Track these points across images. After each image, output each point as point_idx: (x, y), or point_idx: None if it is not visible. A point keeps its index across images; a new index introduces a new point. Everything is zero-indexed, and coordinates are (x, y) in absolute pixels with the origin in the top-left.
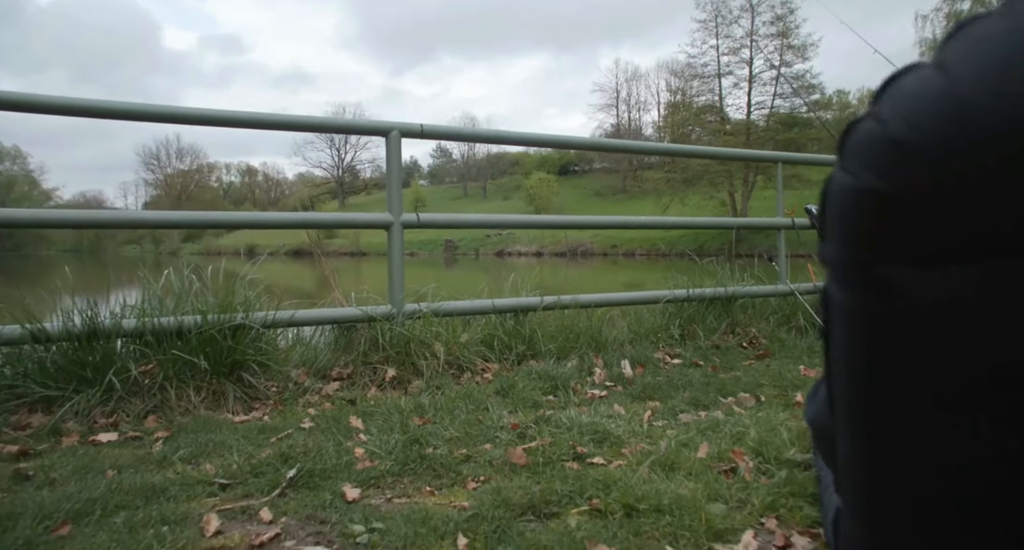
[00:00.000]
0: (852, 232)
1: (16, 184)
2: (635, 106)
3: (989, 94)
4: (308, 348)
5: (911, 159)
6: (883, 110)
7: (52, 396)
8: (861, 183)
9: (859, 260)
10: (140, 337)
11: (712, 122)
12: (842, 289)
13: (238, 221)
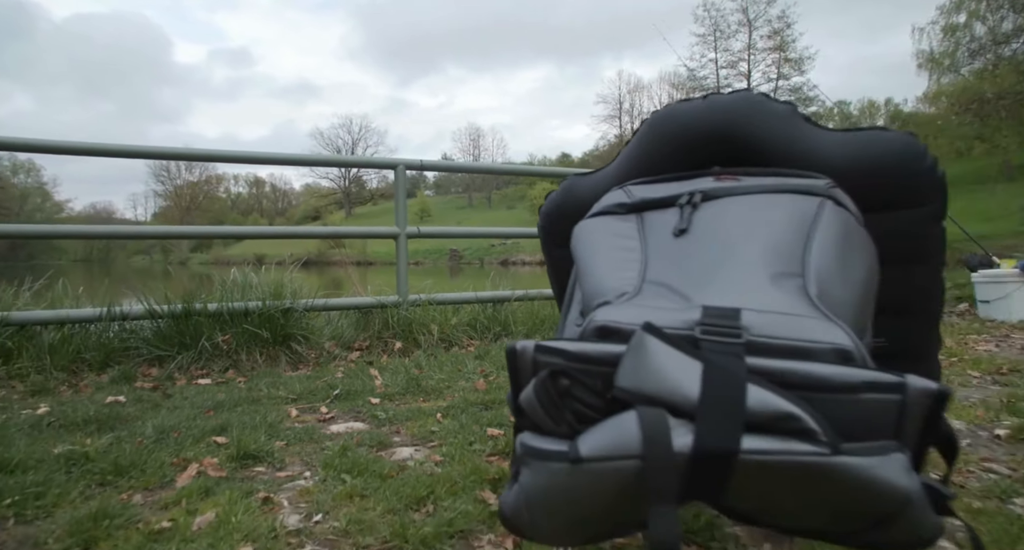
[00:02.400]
0: (546, 231)
1: (30, 196)
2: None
3: (563, 193)
4: (337, 326)
5: (566, 206)
6: (558, 190)
7: (163, 355)
8: (550, 209)
9: (553, 242)
10: (220, 316)
11: None
12: (551, 252)
13: (261, 233)
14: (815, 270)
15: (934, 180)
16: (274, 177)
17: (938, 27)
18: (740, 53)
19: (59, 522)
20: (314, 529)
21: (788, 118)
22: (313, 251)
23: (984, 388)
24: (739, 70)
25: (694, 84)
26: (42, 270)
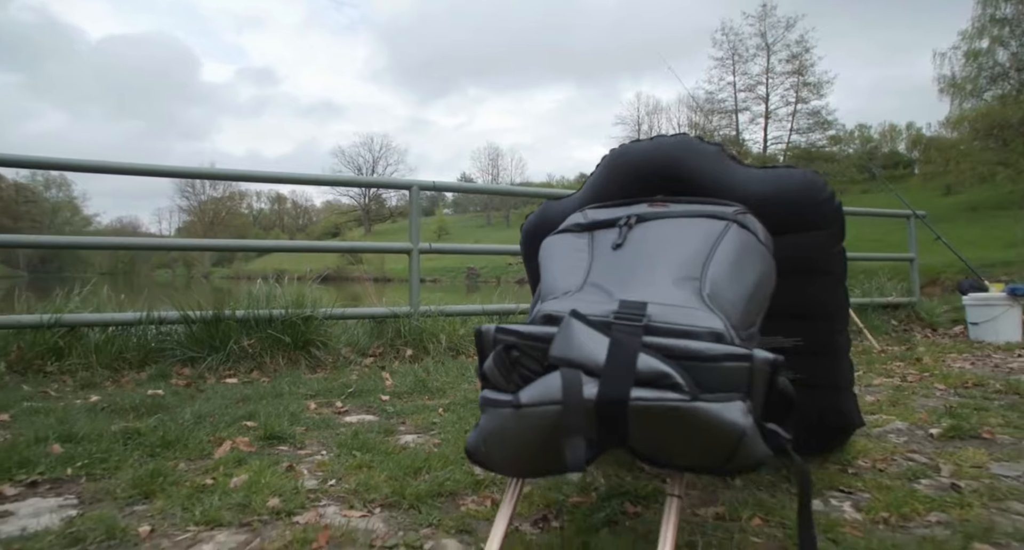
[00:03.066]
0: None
1: (60, 210)
2: None
3: (539, 215)
4: (352, 334)
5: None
6: (535, 213)
7: (195, 356)
8: (528, 227)
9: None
10: (247, 322)
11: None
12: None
13: (281, 247)
14: (711, 276)
15: (832, 209)
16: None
17: (960, 52)
18: (758, 77)
19: (122, 479)
20: (329, 489)
21: (716, 157)
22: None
23: (944, 399)
24: (757, 93)
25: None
26: (70, 282)
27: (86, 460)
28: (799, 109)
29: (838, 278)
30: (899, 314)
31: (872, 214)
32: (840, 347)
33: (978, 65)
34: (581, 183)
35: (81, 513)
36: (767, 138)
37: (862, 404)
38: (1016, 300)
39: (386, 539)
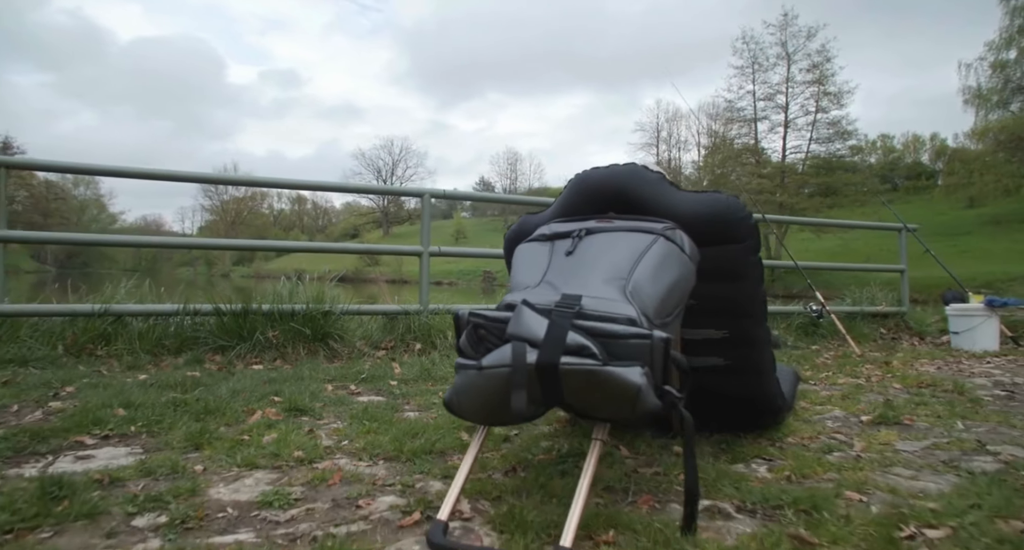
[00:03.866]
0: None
1: (87, 208)
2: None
3: (518, 226)
4: (367, 329)
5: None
6: (516, 224)
7: (225, 345)
8: (509, 235)
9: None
10: (271, 315)
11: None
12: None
13: (298, 247)
14: (635, 277)
15: (748, 226)
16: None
17: (986, 63)
18: (778, 86)
19: (176, 435)
20: (342, 446)
21: (657, 183)
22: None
23: (895, 396)
24: (776, 102)
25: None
26: (95, 278)
27: (144, 421)
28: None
29: (755, 282)
30: (888, 323)
31: (864, 227)
32: (760, 338)
33: (1005, 76)
34: None
35: (148, 457)
36: (786, 147)
37: (818, 398)
38: (994, 311)
39: (386, 480)
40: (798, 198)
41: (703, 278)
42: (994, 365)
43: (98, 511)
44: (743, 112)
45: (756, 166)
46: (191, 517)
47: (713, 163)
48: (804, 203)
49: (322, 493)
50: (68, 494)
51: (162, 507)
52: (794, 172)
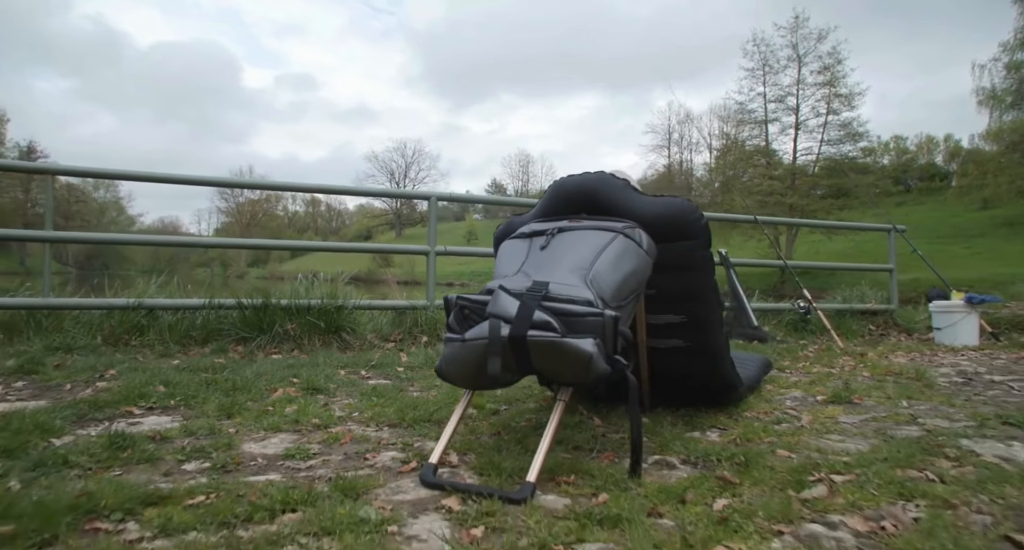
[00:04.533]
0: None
1: (107, 210)
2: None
3: (506, 225)
4: (377, 323)
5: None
6: (505, 223)
7: (247, 337)
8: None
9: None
10: (289, 309)
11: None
12: None
13: (309, 247)
14: (595, 268)
15: (701, 226)
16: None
17: (1000, 64)
18: (789, 88)
19: (210, 407)
20: (352, 416)
21: (622, 189)
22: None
23: (862, 382)
24: (787, 104)
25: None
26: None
27: (182, 396)
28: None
29: (706, 274)
30: (878, 320)
31: (853, 228)
32: (714, 322)
33: (1019, 77)
34: None
35: (188, 422)
36: (796, 149)
37: (786, 383)
38: (973, 308)
39: (389, 440)
40: (808, 200)
41: (663, 270)
42: (967, 358)
43: (154, 458)
44: (754, 114)
45: (767, 168)
46: (230, 463)
47: (724, 164)
48: (815, 205)
49: (335, 449)
50: (130, 445)
51: (205, 456)
52: (805, 174)
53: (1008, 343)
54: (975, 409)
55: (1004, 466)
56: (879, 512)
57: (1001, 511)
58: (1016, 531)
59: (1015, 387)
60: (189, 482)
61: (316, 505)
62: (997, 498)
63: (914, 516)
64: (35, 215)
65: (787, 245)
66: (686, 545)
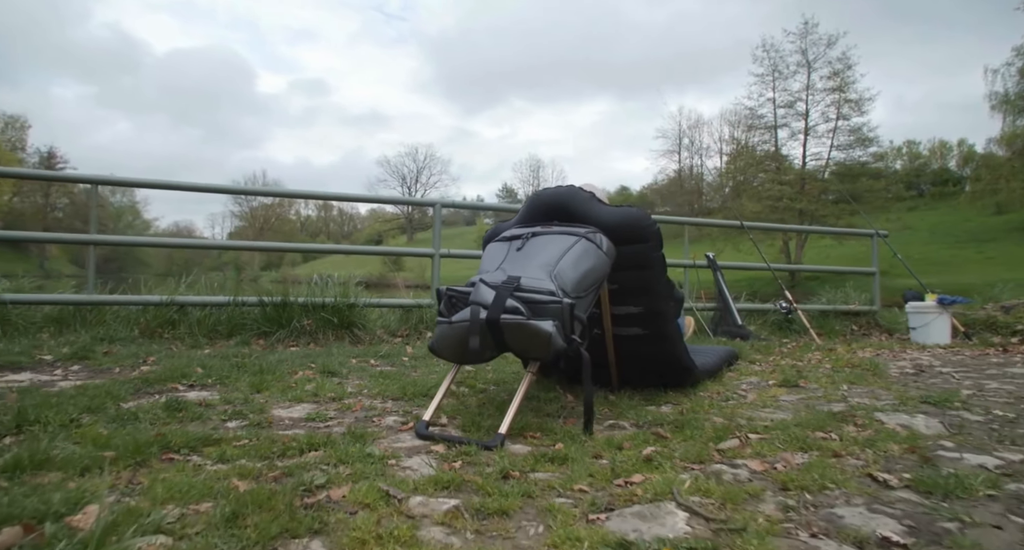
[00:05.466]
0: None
1: (123, 214)
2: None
3: (493, 229)
4: (386, 320)
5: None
6: (492, 228)
7: (267, 331)
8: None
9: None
10: (306, 306)
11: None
12: None
13: (318, 249)
14: (559, 266)
15: (652, 231)
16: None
17: (1014, 68)
18: (798, 93)
19: (242, 384)
20: (362, 392)
21: (588, 200)
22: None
23: (818, 372)
24: (796, 110)
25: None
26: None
27: (217, 376)
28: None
29: (659, 271)
30: (860, 320)
31: (837, 233)
32: (666, 313)
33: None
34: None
35: (226, 395)
36: (806, 154)
37: (748, 371)
38: (945, 308)
39: (392, 409)
40: (818, 205)
41: (622, 268)
42: (931, 354)
43: (203, 417)
44: (764, 119)
45: (777, 173)
46: (263, 423)
47: (735, 169)
48: (824, 210)
49: (348, 415)
50: (183, 408)
51: (243, 417)
52: (815, 179)
53: (978, 342)
54: (905, 392)
55: (899, 430)
56: (776, 458)
57: (875, 458)
58: (880, 471)
59: (956, 377)
60: (234, 432)
61: (334, 446)
62: (880, 451)
63: (803, 461)
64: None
65: (796, 250)
66: (613, 474)
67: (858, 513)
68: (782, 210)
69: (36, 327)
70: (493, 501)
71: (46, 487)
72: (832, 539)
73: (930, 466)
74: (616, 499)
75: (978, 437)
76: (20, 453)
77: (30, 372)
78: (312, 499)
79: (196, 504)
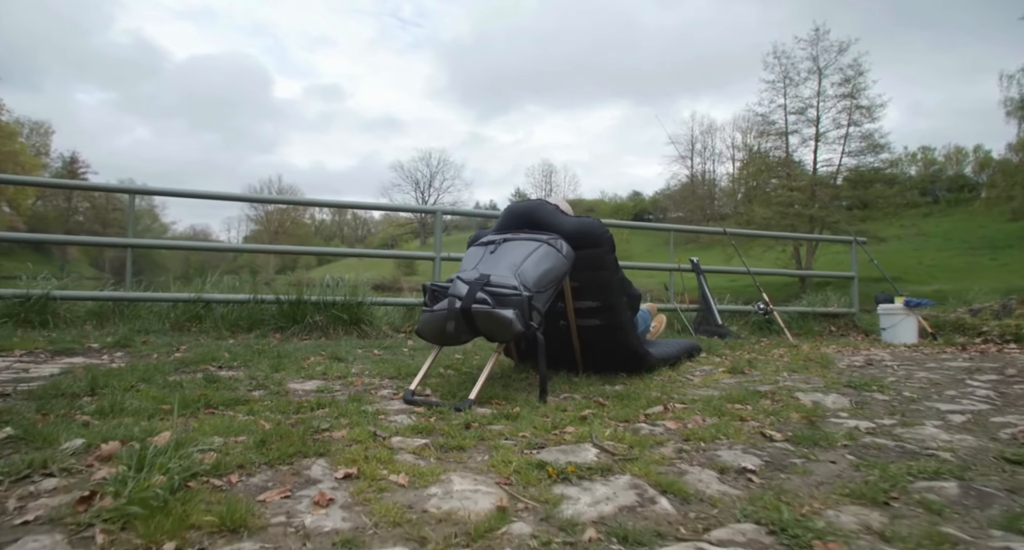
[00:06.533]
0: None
1: (142, 218)
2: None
3: (476, 235)
4: (391, 317)
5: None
6: (475, 234)
7: (283, 326)
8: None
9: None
10: (318, 304)
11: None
12: None
13: (325, 252)
14: (523, 266)
15: (605, 237)
16: None
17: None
18: (809, 100)
19: (263, 366)
20: (364, 372)
21: (552, 212)
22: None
23: (769, 363)
24: (807, 116)
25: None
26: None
27: (241, 360)
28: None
29: (612, 270)
30: (839, 322)
31: (816, 240)
32: (619, 306)
33: None
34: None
35: (250, 373)
36: (816, 160)
37: (706, 362)
38: (911, 310)
39: (387, 384)
40: (828, 211)
41: (582, 269)
42: (890, 351)
43: (233, 387)
44: (775, 125)
45: (787, 179)
46: (281, 392)
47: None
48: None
49: (350, 388)
50: (216, 381)
51: (265, 388)
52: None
53: (943, 342)
54: (837, 379)
55: (807, 404)
56: (688, 420)
57: (772, 422)
58: (770, 429)
59: (895, 369)
60: (259, 397)
61: (337, 406)
62: (780, 418)
63: (711, 423)
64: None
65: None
66: (552, 427)
67: (734, 454)
68: (792, 216)
69: (80, 320)
70: (454, 441)
71: (127, 423)
72: (702, 467)
73: (814, 428)
74: (548, 441)
75: (874, 410)
76: (103, 403)
77: (82, 357)
78: (319, 436)
79: (234, 436)
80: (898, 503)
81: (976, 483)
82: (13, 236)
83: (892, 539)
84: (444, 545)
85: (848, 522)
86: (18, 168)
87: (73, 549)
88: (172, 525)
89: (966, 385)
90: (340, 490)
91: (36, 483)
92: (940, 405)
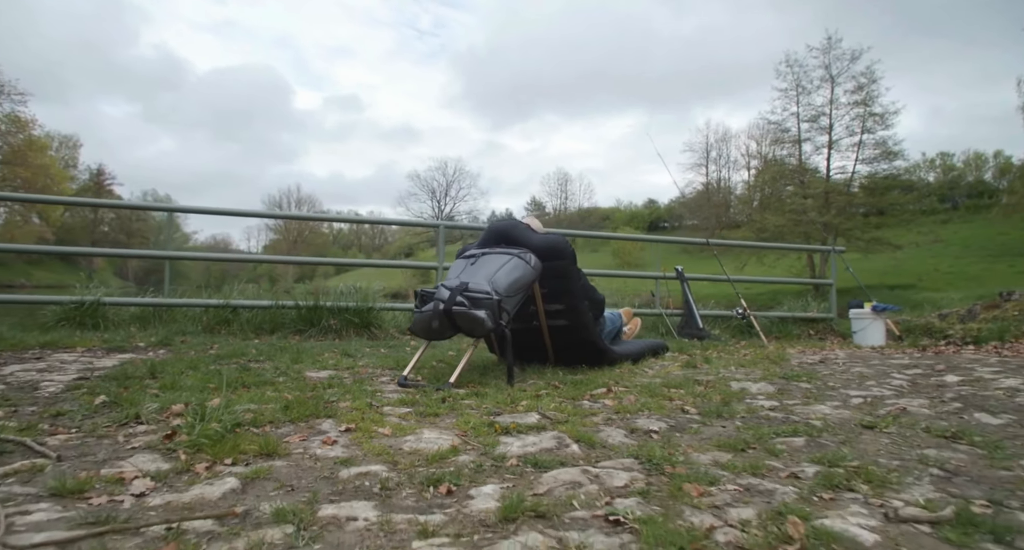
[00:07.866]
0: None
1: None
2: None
3: (462, 249)
4: (399, 321)
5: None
6: (462, 248)
7: (301, 329)
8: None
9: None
10: (333, 309)
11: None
12: None
13: (331, 262)
14: (496, 276)
15: (568, 251)
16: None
17: None
18: (822, 107)
19: (284, 360)
20: (368, 364)
21: (524, 230)
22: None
23: (725, 359)
24: (820, 124)
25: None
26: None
27: (266, 355)
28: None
29: (575, 279)
30: (818, 326)
31: (796, 249)
32: (582, 309)
33: None
34: (648, 208)
35: (274, 365)
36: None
37: (669, 358)
38: (878, 314)
39: (387, 373)
40: (842, 218)
41: (550, 278)
42: (852, 352)
43: (262, 374)
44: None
45: (801, 187)
46: (300, 377)
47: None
48: (848, 223)
49: (356, 375)
50: (248, 369)
51: (287, 375)
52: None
53: (908, 343)
54: (777, 372)
55: (734, 389)
56: (624, 400)
57: (694, 402)
58: (690, 407)
59: (841, 365)
60: (283, 380)
61: (343, 386)
62: (704, 399)
63: (643, 401)
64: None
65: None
66: (510, 401)
67: (648, 421)
68: (806, 224)
69: (126, 323)
70: (431, 409)
71: (185, 395)
72: (618, 428)
73: (727, 406)
74: (504, 411)
75: (792, 395)
76: (164, 382)
77: (131, 353)
78: (328, 405)
79: (265, 404)
80: (753, 451)
81: (822, 439)
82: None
83: (727, 467)
84: (409, 465)
85: (704, 459)
86: (48, 180)
87: (166, 462)
88: (228, 450)
89: (890, 378)
90: (342, 437)
91: (133, 427)
92: (852, 392)
